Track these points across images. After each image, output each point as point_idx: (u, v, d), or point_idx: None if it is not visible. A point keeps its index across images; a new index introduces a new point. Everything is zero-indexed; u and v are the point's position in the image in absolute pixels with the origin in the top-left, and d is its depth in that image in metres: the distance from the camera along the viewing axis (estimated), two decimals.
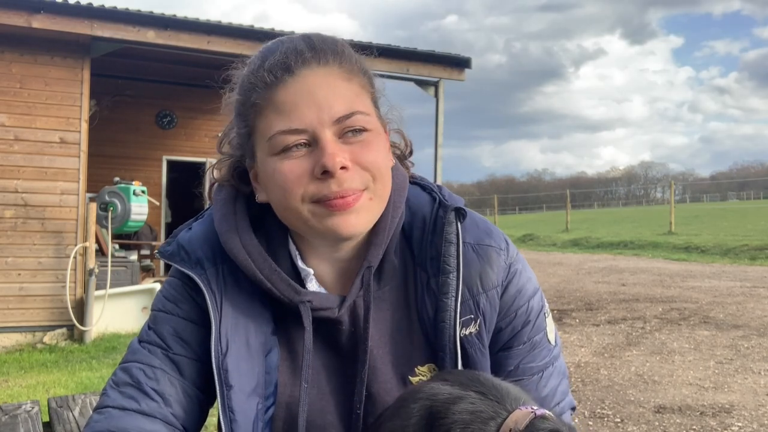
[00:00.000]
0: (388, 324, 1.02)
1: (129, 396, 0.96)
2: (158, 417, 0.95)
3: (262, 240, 1.02)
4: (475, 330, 1.00)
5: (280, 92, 0.91)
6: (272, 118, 0.92)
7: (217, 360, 0.95)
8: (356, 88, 0.95)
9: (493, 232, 1.05)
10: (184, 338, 1.00)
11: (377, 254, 1.00)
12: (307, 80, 0.91)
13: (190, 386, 0.99)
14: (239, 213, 1.01)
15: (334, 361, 1.02)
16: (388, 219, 1.00)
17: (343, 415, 1.00)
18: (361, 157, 0.92)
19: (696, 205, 58.24)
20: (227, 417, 0.93)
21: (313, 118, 0.90)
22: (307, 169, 0.91)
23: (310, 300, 0.97)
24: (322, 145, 0.90)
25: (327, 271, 1.03)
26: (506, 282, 1.03)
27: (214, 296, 0.98)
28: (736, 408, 4.34)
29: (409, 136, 1.13)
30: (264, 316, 0.99)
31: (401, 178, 1.05)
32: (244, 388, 0.95)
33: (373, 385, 0.99)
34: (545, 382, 1.05)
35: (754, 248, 14.03)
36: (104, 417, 0.95)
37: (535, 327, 1.05)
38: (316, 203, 0.92)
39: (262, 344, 0.98)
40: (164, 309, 1.03)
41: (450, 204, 1.03)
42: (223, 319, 0.97)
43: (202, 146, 11.79)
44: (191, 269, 1.00)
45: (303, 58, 0.92)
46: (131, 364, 0.99)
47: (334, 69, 0.93)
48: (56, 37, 7.30)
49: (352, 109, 0.92)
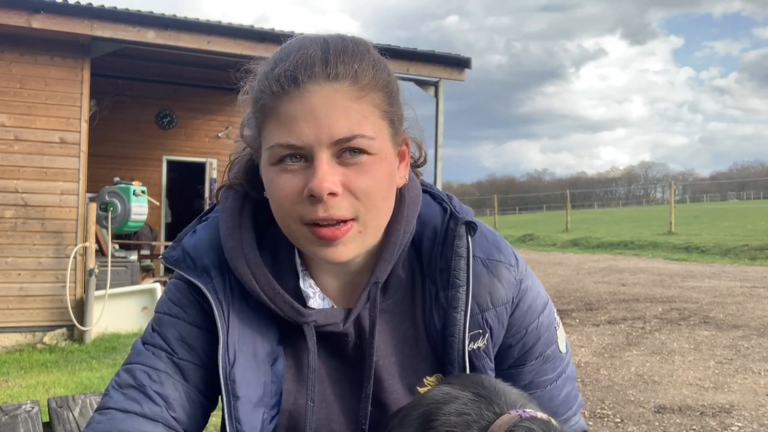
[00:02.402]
0: (394, 335, 1.01)
1: (132, 398, 0.96)
2: (160, 421, 0.95)
3: (267, 254, 1.01)
4: (483, 345, 0.99)
5: (284, 103, 0.89)
6: (274, 128, 0.90)
7: (225, 370, 0.94)
8: (366, 108, 0.90)
9: (502, 246, 1.04)
10: (190, 343, 0.99)
11: (385, 269, 0.98)
12: (312, 96, 0.88)
13: (193, 391, 0.98)
14: (245, 226, 1.00)
15: (339, 370, 1.02)
16: (400, 234, 0.99)
17: (348, 424, 1.00)
18: (355, 182, 0.89)
19: (696, 205, 58.24)
20: (234, 427, 0.93)
21: (311, 136, 0.87)
22: (298, 187, 0.89)
23: (314, 319, 0.96)
24: (315, 166, 0.88)
25: (332, 283, 1.02)
26: (517, 299, 1.01)
27: (222, 306, 0.97)
28: (736, 408, 4.34)
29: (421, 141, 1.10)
30: (270, 325, 0.99)
31: (415, 192, 1.04)
32: (251, 398, 0.95)
33: (380, 396, 0.99)
34: (558, 391, 1.05)
35: (754, 248, 14.02)
36: (106, 418, 0.95)
37: (547, 341, 1.04)
38: (306, 225, 0.91)
39: (268, 354, 0.98)
40: (170, 312, 1.01)
41: (462, 217, 1.01)
42: (231, 329, 0.96)
43: (202, 146, 11.80)
44: (198, 278, 0.99)
45: (312, 72, 0.88)
46: (135, 366, 0.99)
47: (343, 86, 0.89)
48: (56, 37, 7.30)
49: (354, 132, 0.88)
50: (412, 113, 1.02)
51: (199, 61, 8.62)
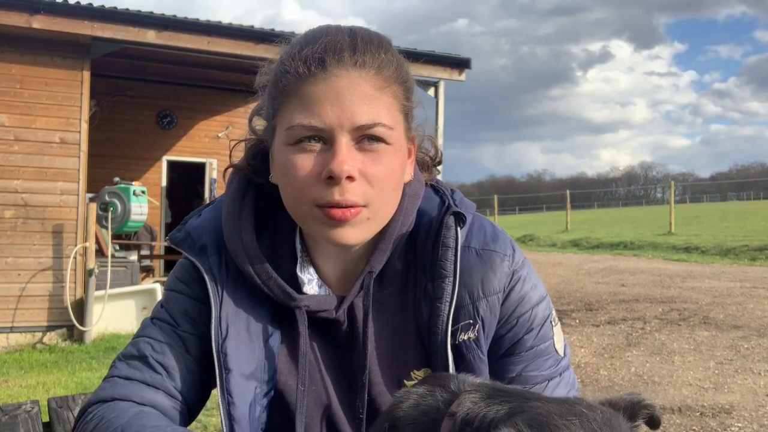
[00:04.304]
0: (386, 327, 1.02)
1: (134, 367, 0.99)
2: (160, 388, 0.98)
3: (266, 239, 1.03)
4: (473, 335, 0.99)
5: (309, 85, 0.90)
6: (296, 109, 0.91)
7: (217, 344, 0.97)
8: (387, 99, 0.93)
9: (499, 237, 1.04)
10: (192, 316, 1.02)
11: (381, 260, 1.00)
12: (338, 80, 0.90)
13: (194, 363, 1.01)
14: (245, 211, 1.02)
15: (331, 356, 1.04)
16: (398, 225, 1.00)
17: (340, 406, 1.02)
18: (370, 168, 0.91)
19: (696, 205, 58.25)
20: (225, 400, 0.95)
21: (333, 119, 0.89)
22: (316, 168, 0.91)
23: (307, 305, 0.98)
24: (335, 149, 0.90)
25: (331, 269, 1.04)
26: (508, 288, 1.01)
27: (215, 282, 1.00)
28: (736, 408, 4.34)
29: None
30: (265, 303, 1.01)
31: (417, 185, 1.05)
32: (242, 371, 0.96)
33: (368, 387, 1.00)
34: (550, 392, 1.02)
35: (754, 248, 14.01)
36: (110, 385, 0.99)
37: (540, 335, 1.03)
38: (318, 207, 0.92)
39: (263, 329, 1.00)
40: (176, 289, 1.06)
41: (453, 207, 1.02)
42: (224, 304, 0.98)
43: (202, 146, 11.80)
44: (195, 256, 1.02)
45: (340, 57, 0.90)
46: (140, 339, 1.02)
47: (369, 75, 0.91)
48: (56, 37, 7.30)
49: (375, 121, 0.90)
50: (424, 113, 1.04)
51: (199, 61, 8.63)
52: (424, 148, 1.11)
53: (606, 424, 0.67)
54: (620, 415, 0.70)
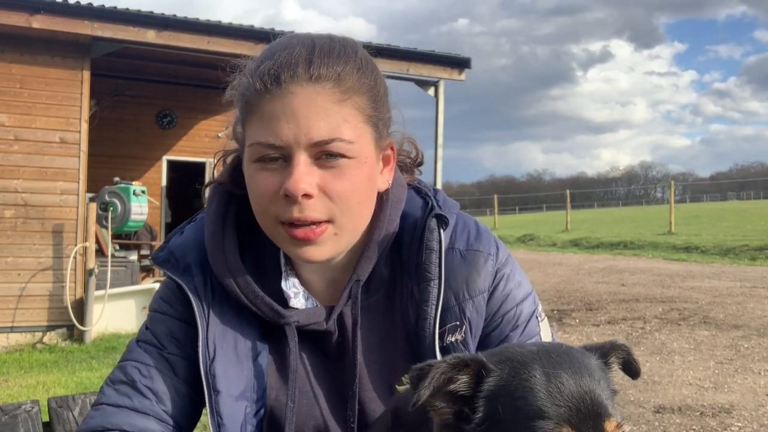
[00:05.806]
0: (375, 333, 1.02)
1: (123, 393, 0.98)
2: (151, 414, 0.97)
3: (250, 256, 1.02)
4: (460, 337, 0.99)
5: (266, 102, 0.90)
6: (256, 126, 0.92)
7: (205, 365, 0.96)
8: (348, 111, 0.91)
9: (482, 236, 1.03)
10: (178, 338, 1.01)
11: (367, 268, 1.00)
12: (294, 97, 0.89)
13: (183, 385, 1.00)
14: (228, 229, 1.01)
15: (322, 367, 1.03)
16: (382, 233, 1.00)
17: (332, 418, 1.01)
18: (331, 185, 0.90)
19: (696, 205, 58.21)
20: (215, 421, 0.95)
21: (290, 136, 0.88)
22: (275, 186, 0.90)
23: (296, 320, 0.98)
24: (292, 166, 0.89)
25: (317, 280, 1.03)
26: (492, 287, 1.01)
27: (201, 303, 0.99)
28: (736, 408, 4.34)
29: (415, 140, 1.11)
30: (253, 320, 1.00)
31: (399, 190, 1.04)
32: (232, 392, 0.96)
33: (360, 393, 1.00)
34: None
35: (754, 248, 14.01)
36: (99, 413, 0.97)
37: (526, 332, 1.03)
38: (282, 225, 0.92)
39: (251, 347, 0.99)
40: (160, 310, 1.04)
41: (435, 210, 1.01)
42: (211, 325, 0.98)
43: (202, 146, 11.79)
44: (180, 276, 1.01)
45: (294, 73, 0.89)
46: (127, 363, 1.01)
47: (326, 88, 0.90)
48: (56, 37, 7.30)
49: (333, 136, 0.89)
50: (407, 114, 1.03)
51: (199, 61, 8.62)
52: (404, 150, 1.10)
53: (567, 354, 0.70)
54: (589, 353, 0.73)
